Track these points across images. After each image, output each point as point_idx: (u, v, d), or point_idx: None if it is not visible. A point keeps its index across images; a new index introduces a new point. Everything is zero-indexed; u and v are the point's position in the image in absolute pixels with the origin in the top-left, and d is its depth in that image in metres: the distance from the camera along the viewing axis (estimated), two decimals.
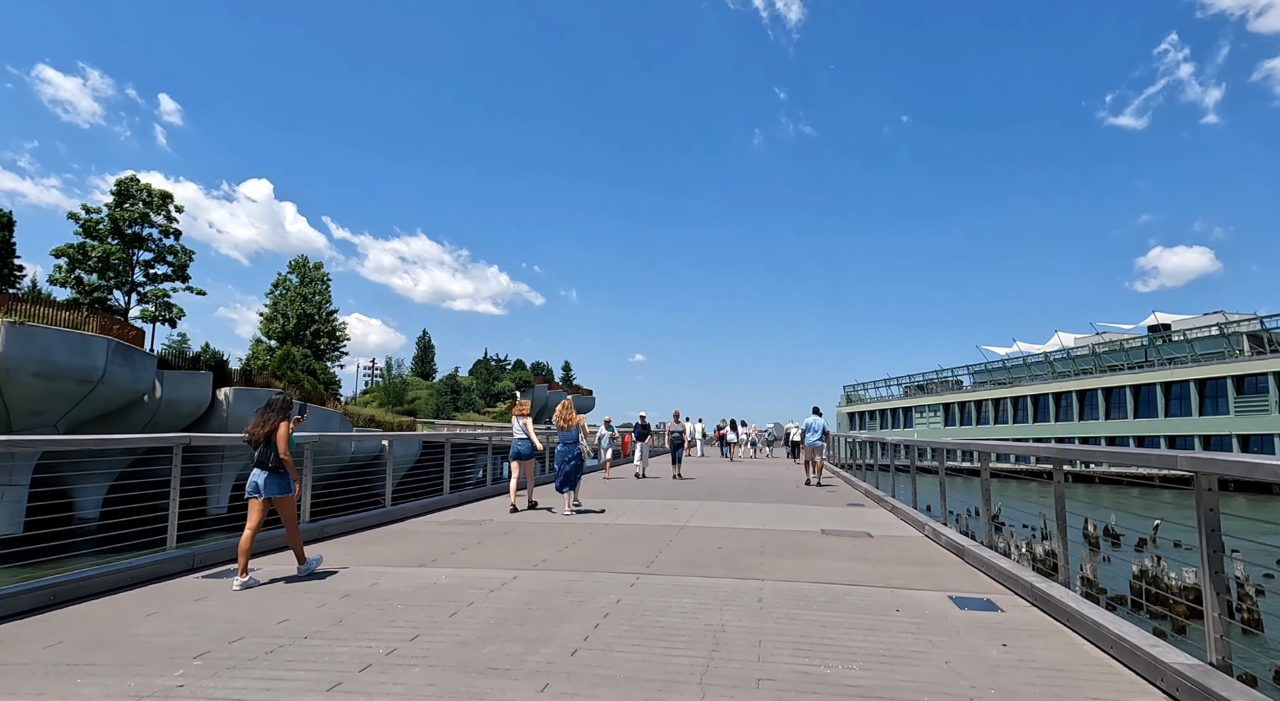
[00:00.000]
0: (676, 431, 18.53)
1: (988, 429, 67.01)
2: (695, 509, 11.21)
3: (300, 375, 35.18)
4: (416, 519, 9.89)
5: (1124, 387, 58.47)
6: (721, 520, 9.96)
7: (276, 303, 42.75)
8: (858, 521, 10.07)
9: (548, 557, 7.00)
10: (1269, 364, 50.29)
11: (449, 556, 7.05)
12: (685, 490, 14.41)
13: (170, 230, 32.61)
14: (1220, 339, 55.20)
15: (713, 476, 18.50)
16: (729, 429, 30.05)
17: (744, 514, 10.70)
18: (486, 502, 11.99)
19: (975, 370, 72.65)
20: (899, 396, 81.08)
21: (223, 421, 30.01)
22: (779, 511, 11.04)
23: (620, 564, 6.74)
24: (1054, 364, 65.10)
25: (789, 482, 16.77)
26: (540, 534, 8.67)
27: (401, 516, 9.87)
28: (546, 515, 10.38)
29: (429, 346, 61.56)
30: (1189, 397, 54.67)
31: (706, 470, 21.33)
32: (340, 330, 44.39)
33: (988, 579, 6.22)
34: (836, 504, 12.28)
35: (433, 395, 49.88)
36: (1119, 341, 62.56)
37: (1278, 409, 49.54)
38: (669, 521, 9.75)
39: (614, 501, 12.33)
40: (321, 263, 44.17)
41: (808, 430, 16.48)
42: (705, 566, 6.66)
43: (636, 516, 10.33)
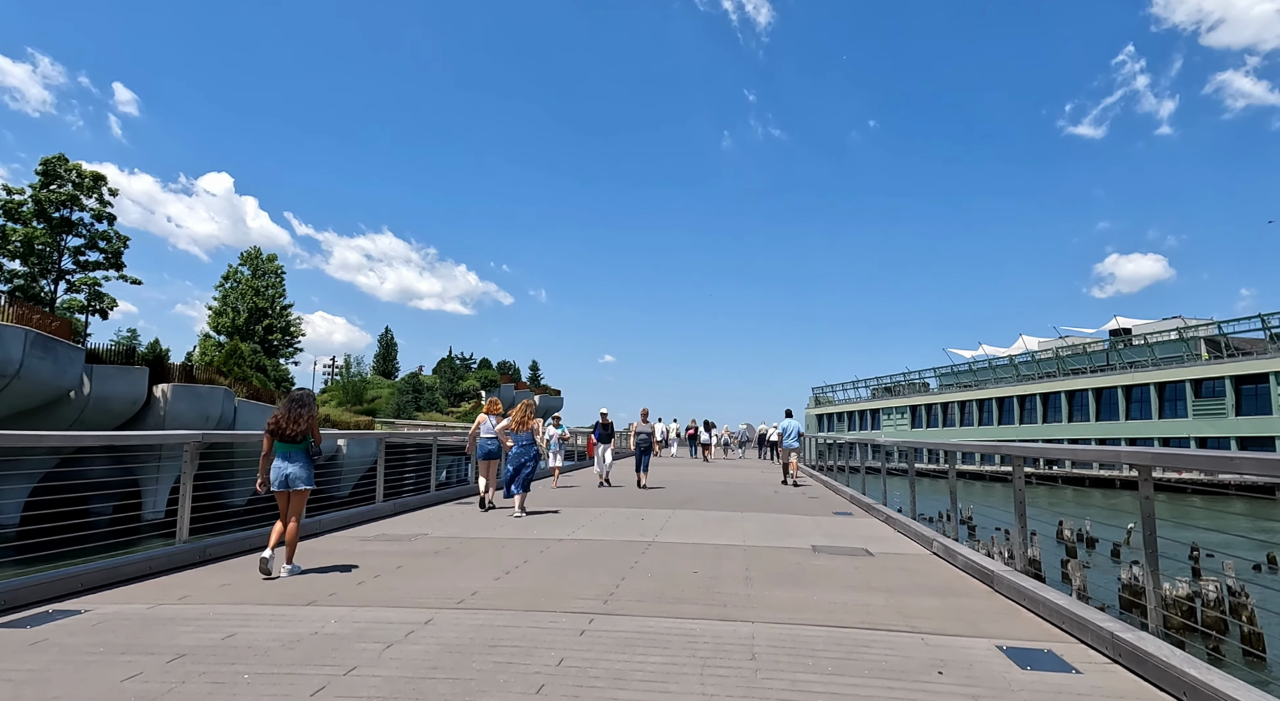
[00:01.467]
0: (644, 433, 15.38)
1: (954, 431, 66.87)
2: (665, 519, 9.77)
3: (248, 372, 32.99)
4: (336, 534, 8.28)
5: (1086, 390, 58.68)
6: (696, 534, 8.53)
7: (226, 296, 40.21)
8: (850, 535, 8.72)
9: (479, 588, 5.49)
10: (1226, 368, 50.71)
11: (353, 589, 5.49)
12: (654, 498, 12.95)
13: (104, 215, 29.99)
14: (1179, 343, 55.62)
15: (684, 480, 17.08)
16: (701, 429, 29.02)
17: (721, 525, 9.29)
18: (427, 512, 10.40)
19: (942, 373, 72.63)
20: (867, 398, 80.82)
21: (159, 420, 27.76)
22: (760, 522, 9.65)
23: (571, 596, 5.26)
24: (1018, 367, 65.20)
25: (766, 487, 15.45)
26: (479, 552, 7.14)
27: (317, 531, 8.24)
28: (494, 527, 8.85)
29: (391, 344, 59.26)
30: (1149, 401, 55.00)
31: (678, 472, 19.91)
32: (295, 325, 42.03)
33: (1035, 617, 4.87)
34: (822, 512, 10.94)
35: (394, 394, 47.70)
36: (1082, 345, 62.84)
37: (1234, 412, 49.96)
38: (635, 535, 8.29)
39: (574, 510, 10.84)
40: (275, 255, 42.01)
41: (784, 433, 16.76)
42: (679, 600, 5.22)
43: (597, 529, 8.85)
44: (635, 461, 15.32)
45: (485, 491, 10.84)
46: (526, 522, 9.33)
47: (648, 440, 15.30)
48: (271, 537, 5.95)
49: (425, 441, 13.10)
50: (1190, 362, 54.03)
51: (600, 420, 15.77)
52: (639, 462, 15.09)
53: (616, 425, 17.63)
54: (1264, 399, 49.34)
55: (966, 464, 53.82)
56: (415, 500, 10.94)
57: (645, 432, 15.48)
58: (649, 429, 15.70)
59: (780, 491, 14.43)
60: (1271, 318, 50.75)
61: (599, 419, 15.63)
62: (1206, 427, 51.58)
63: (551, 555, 7.02)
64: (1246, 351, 52.90)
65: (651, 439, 15.58)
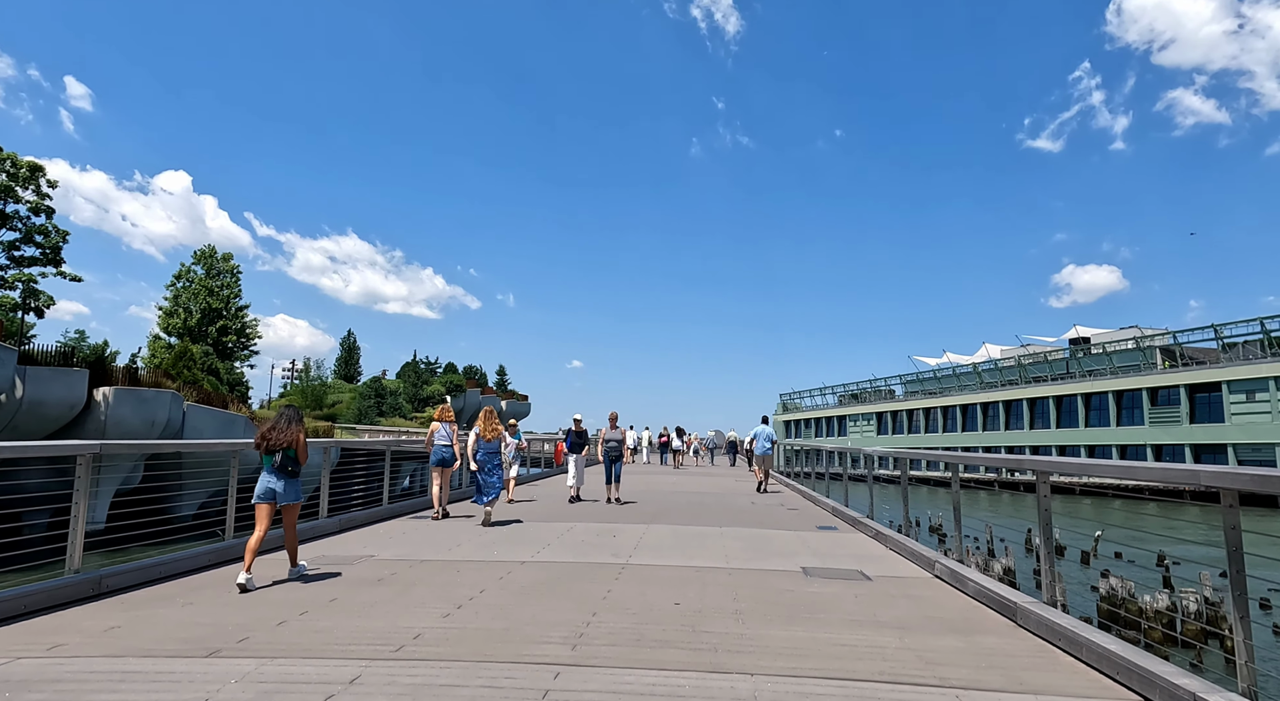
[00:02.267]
0: (613, 441, 13.62)
1: (918, 438, 67.24)
2: (639, 536, 8.93)
3: (199, 375, 31.32)
4: (266, 557, 7.25)
5: (1048, 398, 59.43)
6: (674, 553, 7.71)
7: (178, 296, 38.24)
8: (841, 553, 7.98)
9: (424, 630, 4.59)
10: (1180, 376, 51.66)
11: (270, 631, 4.54)
12: (626, 511, 12.09)
13: (41, 208, 28.12)
14: (1136, 352, 56.61)
15: (657, 489, 16.26)
16: (673, 436, 28.38)
17: (700, 543, 8.48)
18: (378, 529, 9.40)
19: (907, 380, 73.08)
20: (834, 405, 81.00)
21: (100, 425, 26.06)
22: (742, 539, 8.87)
23: (533, 640, 4.40)
24: (982, 374, 65.84)
25: (742, 497, 14.70)
26: (430, 578, 6.22)
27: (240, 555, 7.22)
28: (449, 546, 7.92)
29: (354, 348, 57.38)
30: (1108, 408, 55.83)
31: (649, 481, 19.10)
32: (251, 327, 40.20)
33: (1079, 663, 4.14)
34: (805, 527, 10.21)
35: (355, 399, 46.07)
36: (1043, 353, 63.73)
37: (1189, 419, 50.89)
38: (606, 556, 7.43)
39: (539, 526, 9.94)
40: (231, 254, 40.03)
41: (756, 439, 16.95)
42: (661, 643, 4.39)
43: (564, 548, 7.97)
44: (605, 472, 13.50)
45: (439, 500, 10.63)
46: (487, 540, 8.41)
47: (618, 448, 13.60)
48: (247, 556, 5.76)
49: (378, 448, 12.01)
50: (1147, 371, 55.00)
51: (574, 427, 13.85)
52: (609, 473, 13.36)
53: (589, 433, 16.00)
54: (1216, 407, 50.35)
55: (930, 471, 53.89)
56: (365, 515, 9.93)
57: (615, 440, 13.70)
58: (619, 435, 13.86)
59: (757, 502, 13.71)
60: (1224, 328, 51.91)
61: (572, 425, 13.96)
62: (1162, 435, 52.49)
63: (512, 582, 6.13)
64: (1200, 361, 54.04)
65: (622, 447, 13.92)
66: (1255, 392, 47.73)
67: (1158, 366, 54.80)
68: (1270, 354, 48.32)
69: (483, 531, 9.09)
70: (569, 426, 14.02)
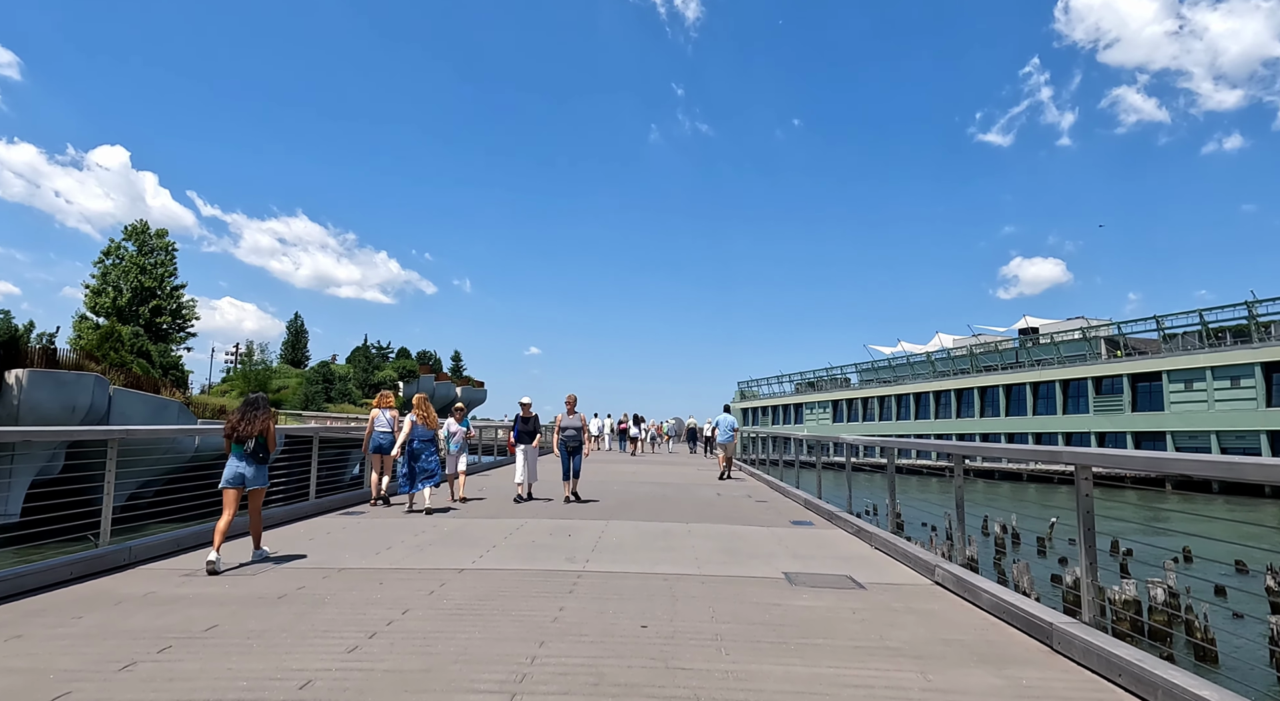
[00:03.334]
0: (571, 428, 11.37)
1: (873, 425, 67.78)
2: (597, 535, 7.91)
3: (128, 357, 29.12)
4: (152, 565, 6.02)
5: (998, 387, 60.37)
6: (638, 556, 6.71)
7: (107, 273, 35.58)
8: (823, 554, 7.10)
9: (318, 673, 3.47)
10: (1124, 366, 52.91)
11: (110, 677, 3.37)
12: (583, 506, 11.06)
13: None
14: (1082, 342, 57.82)
15: (617, 480, 15.27)
16: (631, 424, 27.53)
17: (666, 542, 7.51)
18: (299, 528, 8.18)
19: (862, 368, 73.60)
20: (790, 393, 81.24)
21: (12, 410, 23.84)
22: (712, 536, 7.92)
23: (458, 689, 3.33)
24: (935, 363, 66.61)
25: (706, 488, 13.81)
26: (343, 594, 5.08)
27: (126, 562, 5.96)
28: (376, 549, 6.77)
29: (301, 331, 54.71)
30: (1055, 397, 56.93)
31: (608, 471, 18.10)
32: (188, 308, 37.65)
33: None
34: (778, 522, 9.33)
35: (302, 384, 43.90)
36: (994, 343, 64.70)
37: (1130, 408, 52.17)
38: (560, 562, 6.39)
39: (485, 522, 8.84)
40: (166, 230, 37.29)
41: (719, 427, 17.18)
42: (626, 689, 3.37)
43: (510, 551, 6.90)
44: (562, 465, 11.33)
45: (378, 487, 10.44)
46: (422, 542, 7.29)
47: (576, 437, 11.33)
48: (216, 538, 5.86)
49: (304, 435, 10.71)
50: (1092, 361, 56.21)
51: (520, 413, 11.53)
52: (566, 467, 11.18)
53: (541, 418, 13.25)
54: (1157, 396, 51.68)
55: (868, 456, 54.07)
56: (286, 511, 8.68)
57: (573, 428, 11.44)
58: (577, 422, 11.53)
59: (723, 493, 12.83)
60: (1165, 319, 53.28)
61: (519, 412, 11.64)
62: (1105, 423, 53.70)
63: (444, 598, 5.04)
64: (1142, 351, 55.42)
65: (582, 435, 11.50)
66: (1193, 382, 49.08)
67: (1102, 356, 56.06)
68: (1208, 345, 49.71)
69: (418, 532, 7.95)
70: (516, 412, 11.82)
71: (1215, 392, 48.08)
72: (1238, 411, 46.77)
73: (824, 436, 11.36)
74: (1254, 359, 45.87)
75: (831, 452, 23.97)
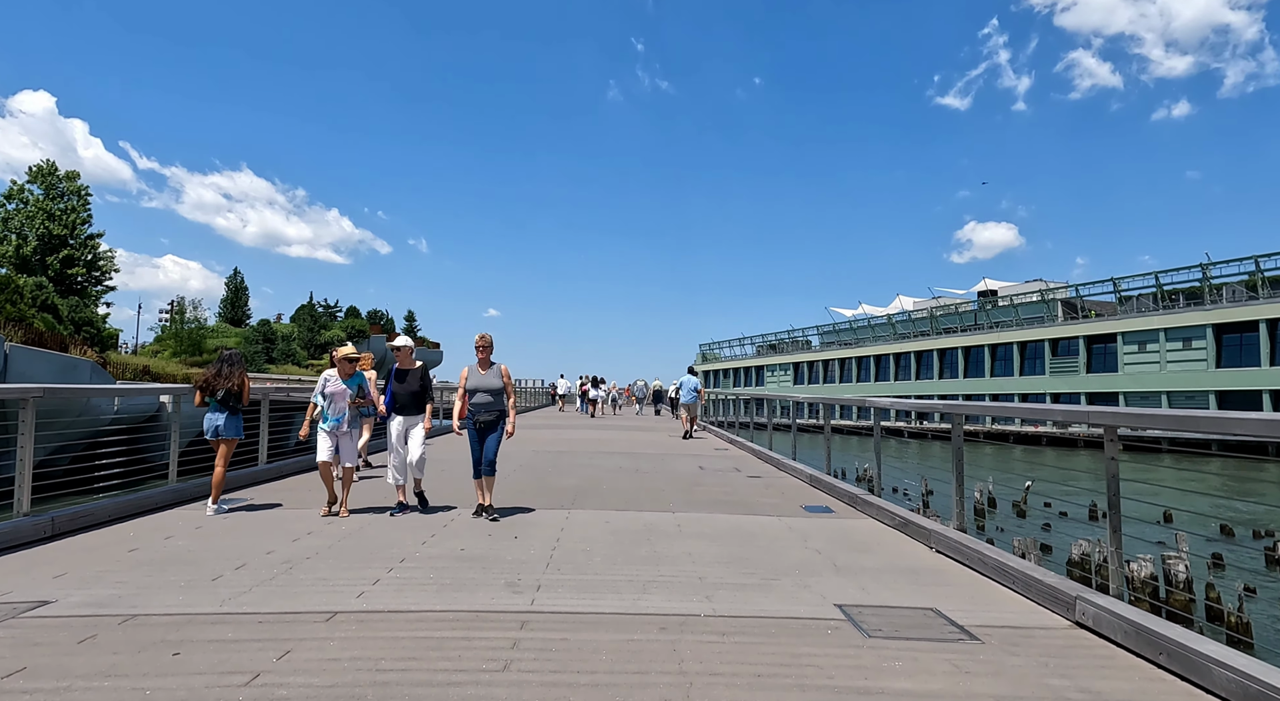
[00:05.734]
0: (485, 391, 6.48)
1: (833, 387, 66.95)
2: (554, 539, 5.61)
3: (28, 311, 25.52)
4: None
5: (957, 349, 59.87)
6: (614, 576, 4.44)
7: (8, 219, 31.29)
8: (873, 563, 4.95)
9: None
10: (1079, 328, 52.70)
11: None
12: (533, 489, 8.76)
13: None
14: (1040, 304, 57.46)
15: (578, 449, 12.99)
16: (590, 385, 25.44)
17: (651, 547, 5.26)
18: (129, 528, 5.67)
19: (824, 331, 72.58)
20: (752, 355, 79.98)
21: None
22: (710, 534, 5.71)
23: None
24: (895, 326, 65.78)
25: (686, 459, 11.60)
26: (100, 680, 2.71)
27: None
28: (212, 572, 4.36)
29: (241, 288, 50.36)
30: (1012, 359, 56.65)
31: (569, 438, 15.84)
32: (105, 260, 33.58)
33: None
34: (788, 508, 7.16)
35: (240, 344, 40.34)
36: (954, 305, 64.10)
37: (1085, 369, 52.10)
38: (495, 594, 4.06)
39: (396, 517, 6.47)
40: (78, 173, 32.78)
41: (682, 388, 17.47)
42: None
43: (423, 571, 4.55)
44: (471, 452, 6.54)
45: None
46: (295, 554, 4.90)
47: (494, 405, 6.51)
48: (213, 490, 6.37)
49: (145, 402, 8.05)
50: (1049, 323, 55.94)
51: (397, 359, 6.83)
52: (477, 456, 6.47)
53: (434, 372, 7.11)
54: (1111, 357, 51.69)
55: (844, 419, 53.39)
56: (115, 504, 6.14)
57: (488, 390, 6.50)
58: (496, 381, 6.54)
59: (707, 466, 10.64)
60: (1122, 281, 53.03)
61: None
62: (1060, 384, 53.66)
63: (279, 689, 2.70)
64: (1099, 313, 55.27)
65: (504, 401, 6.59)
66: (1146, 344, 49.01)
67: (1059, 319, 55.80)
68: (1161, 307, 49.59)
69: (298, 536, 5.55)
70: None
71: (1168, 354, 48.08)
72: (1189, 372, 46.81)
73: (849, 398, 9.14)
74: (1206, 320, 45.75)
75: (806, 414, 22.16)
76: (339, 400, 6.59)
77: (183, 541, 5.23)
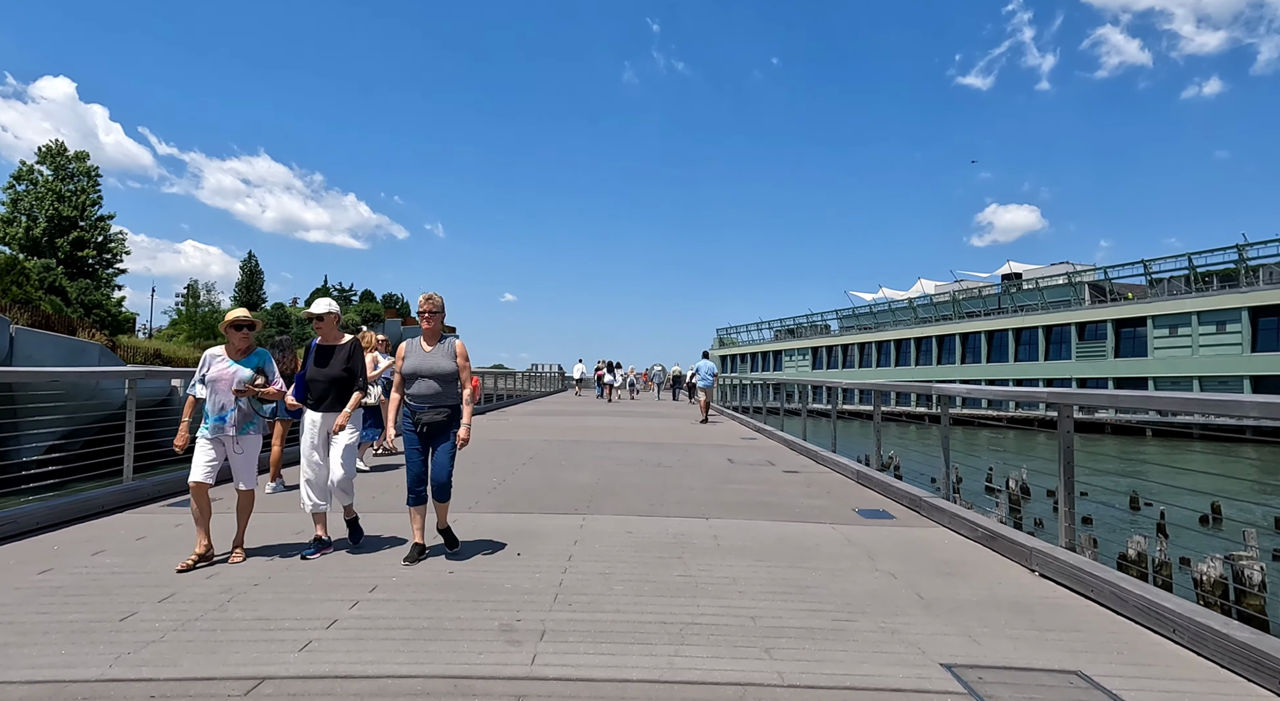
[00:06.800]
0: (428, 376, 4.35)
1: (853, 372, 65.54)
2: (565, 555, 4.55)
3: (35, 293, 24.89)
4: None
5: (979, 333, 58.23)
6: (641, 616, 3.37)
7: (18, 200, 30.68)
8: (963, 592, 3.86)
9: None
10: (1108, 311, 50.96)
11: None
12: (543, 487, 7.73)
13: None
14: (1066, 287, 55.66)
15: (596, 439, 11.98)
16: (606, 370, 24.72)
17: (684, 568, 4.19)
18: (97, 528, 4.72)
19: (843, 315, 71.02)
20: (770, 340, 78.62)
21: None
22: (756, 551, 4.63)
23: None
24: (917, 309, 64.10)
25: (713, 451, 10.52)
26: None
27: None
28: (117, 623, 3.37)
29: (256, 272, 49.79)
30: (1037, 343, 55.09)
31: (587, 424, 14.85)
32: (117, 242, 32.95)
33: None
34: (840, 513, 6.07)
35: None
36: (976, 289, 62.37)
37: (1113, 354, 50.40)
38: (485, 648, 3.03)
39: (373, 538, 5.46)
40: (87, 154, 32.08)
41: (699, 372, 17.62)
42: None
43: (394, 607, 3.52)
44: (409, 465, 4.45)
45: None
46: (234, 582, 3.90)
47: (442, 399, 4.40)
48: (272, 469, 6.78)
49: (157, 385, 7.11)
50: (1076, 307, 54.20)
51: (316, 314, 4.74)
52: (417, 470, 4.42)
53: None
54: (1140, 342, 49.98)
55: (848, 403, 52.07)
56: (47, 509, 5.17)
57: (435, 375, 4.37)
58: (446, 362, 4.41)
59: (737, 459, 9.55)
60: (1153, 263, 51.09)
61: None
62: (1088, 369, 52.07)
63: None
64: (1127, 296, 53.42)
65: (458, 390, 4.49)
66: (1178, 327, 47.25)
67: (1086, 302, 54.03)
68: (1195, 290, 47.73)
69: (207, 577, 4.56)
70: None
71: (1200, 338, 46.28)
72: (1222, 356, 45.04)
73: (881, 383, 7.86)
74: (1241, 303, 43.85)
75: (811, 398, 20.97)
76: (222, 390, 4.30)
77: (112, 559, 4.25)
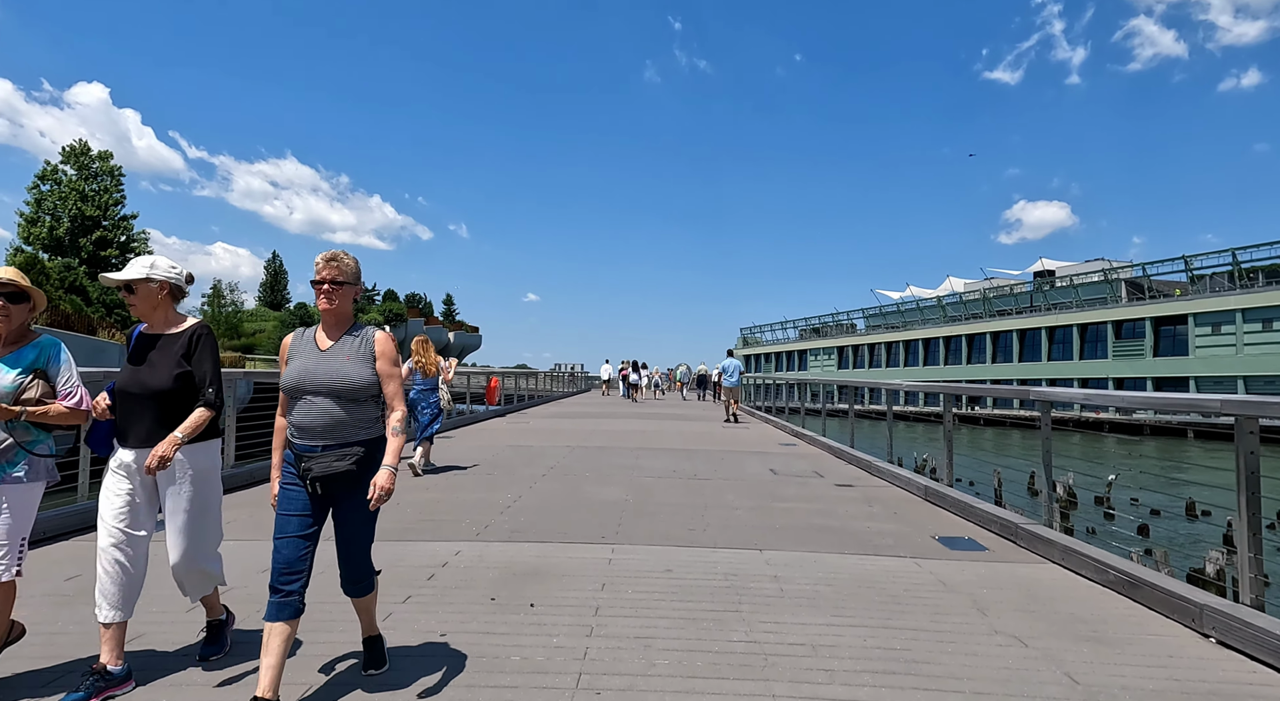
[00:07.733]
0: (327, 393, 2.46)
1: (879, 372, 63.96)
2: (591, 609, 3.57)
3: (55, 293, 24.58)
4: None
5: (1011, 332, 56.47)
6: None
7: (42, 200, 30.57)
8: (1132, 674, 2.82)
9: None
10: (1146, 309, 49.04)
11: None
12: (565, 505, 6.78)
13: None
14: (1102, 285, 53.70)
15: (623, 445, 11.00)
16: (631, 370, 23.95)
17: (745, 634, 3.17)
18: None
19: (870, 314, 69.47)
20: (795, 339, 77.26)
21: None
22: (830, 599, 3.60)
23: None
24: (946, 308, 62.37)
25: (751, 459, 9.46)
26: None
27: None
28: None
29: (280, 272, 49.70)
30: (1071, 342, 53.27)
31: (613, 428, 13.90)
32: (139, 241, 32.75)
33: None
34: (918, 542, 5.02)
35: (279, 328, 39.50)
36: (1007, 286, 60.54)
37: (1152, 353, 48.48)
38: None
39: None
40: (110, 153, 31.96)
41: (725, 372, 17.26)
42: None
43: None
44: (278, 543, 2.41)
45: None
46: None
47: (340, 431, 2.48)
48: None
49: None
50: (1112, 304, 52.25)
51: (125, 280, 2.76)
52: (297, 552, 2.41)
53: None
54: (1181, 340, 48.07)
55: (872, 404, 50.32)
56: None
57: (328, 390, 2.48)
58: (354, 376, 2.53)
59: (779, 471, 8.48)
60: (1194, 259, 49.02)
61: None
62: (1125, 368, 50.15)
63: None
64: (1167, 294, 51.33)
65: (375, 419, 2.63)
66: (1221, 325, 45.26)
67: (1123, 300, 52.04)
68: (1239, 286, 45.64)
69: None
70: None
71: (1245, 336, 44.20)
72: (1269, 355, 42.94)
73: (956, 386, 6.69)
74: None
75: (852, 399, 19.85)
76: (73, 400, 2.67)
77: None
